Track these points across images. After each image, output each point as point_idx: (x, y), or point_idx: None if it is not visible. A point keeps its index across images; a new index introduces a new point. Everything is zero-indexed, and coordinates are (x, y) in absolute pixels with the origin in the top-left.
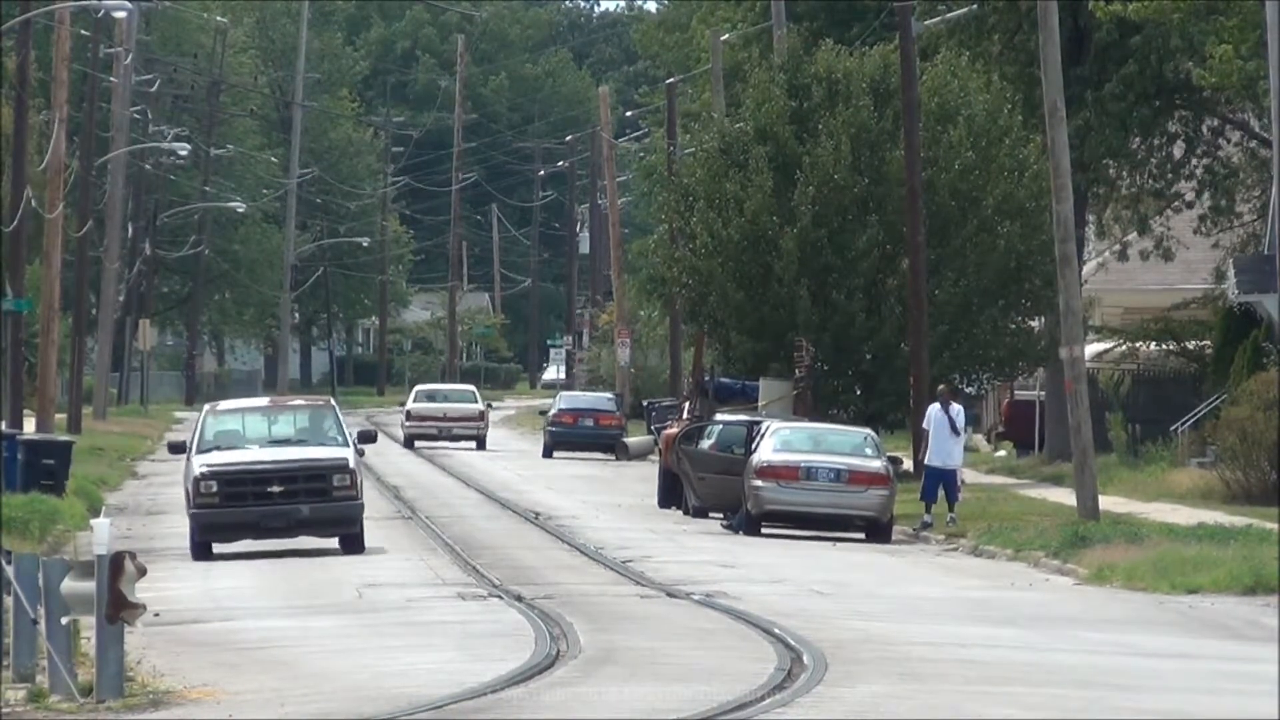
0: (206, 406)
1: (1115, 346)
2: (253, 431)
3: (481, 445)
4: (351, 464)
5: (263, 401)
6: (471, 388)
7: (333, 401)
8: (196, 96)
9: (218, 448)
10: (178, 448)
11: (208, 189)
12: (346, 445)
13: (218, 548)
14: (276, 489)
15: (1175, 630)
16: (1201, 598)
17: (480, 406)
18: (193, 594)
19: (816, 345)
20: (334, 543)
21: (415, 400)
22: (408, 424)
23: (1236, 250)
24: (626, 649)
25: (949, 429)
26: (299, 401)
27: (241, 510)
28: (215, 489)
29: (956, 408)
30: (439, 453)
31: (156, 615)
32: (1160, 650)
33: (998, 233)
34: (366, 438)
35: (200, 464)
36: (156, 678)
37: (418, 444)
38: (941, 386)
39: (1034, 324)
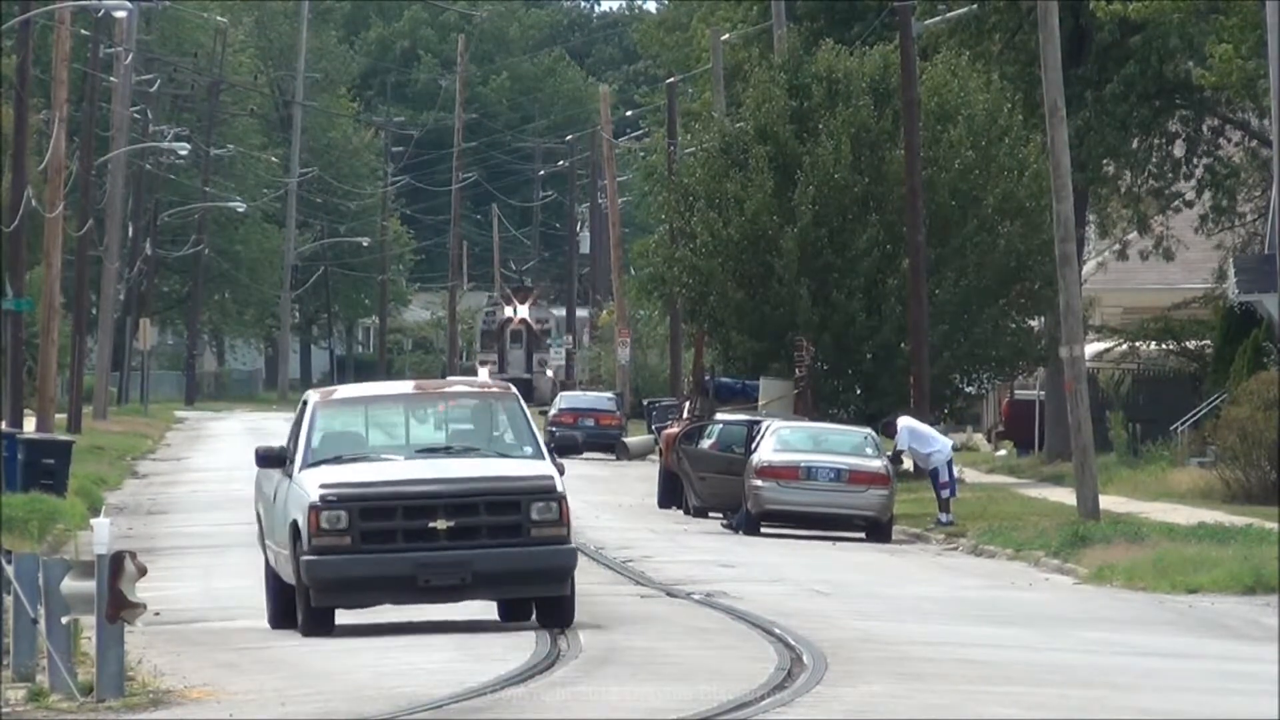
0: (312, 397)
1: (1115, 346)
2: (389, 434)
3: None
4: (558, 486)
5: (402, 387)
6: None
7: (513, 389)
8: (196, 96)
9: (338, 459)
10: (272, 458)
11: (208, 189)
12: (542, 456)
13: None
14: (442, 524)
15: (1175, 630)
16: (1201, 597)
17: None
18: (193, 594)
19: (816, 345)
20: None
21: None
22: None
23: (1237, 250)
24: (627, 649)
25: (923, 431)
26: (460, 388)
27: (390, 558)
28: (346, 523)
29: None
30: None
31: (157, 615)
32: (1160, 650)
33: (998, 232)
34: (567, 446)
35: (316, 484)
36: (157, 677)
37: None
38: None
39: (1034, 323)
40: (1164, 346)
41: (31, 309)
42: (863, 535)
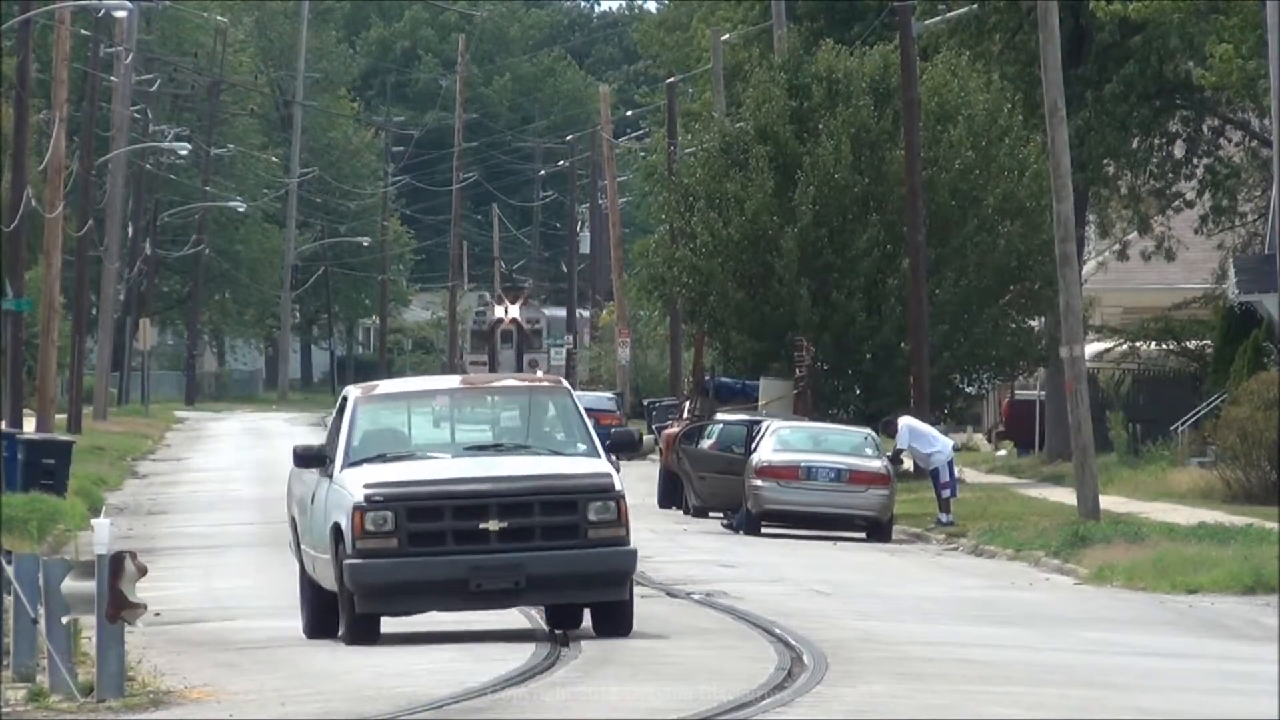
0: (352, 393)
1: (1115, 346)
2: (434, 431)
3: None
4: (617, 485)
5: (447, 381)
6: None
7: (564, 383)
8: (197, 96)
9: (381, 457)
10: (310, 457)
11: (208, 189)
12: (597, 454)
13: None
14: (494, 525)
15: (1175, 630)
16: (1201, 597)
17: None
18: (193, 594)
19: (816, 345)
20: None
21: None
22: None
23: (1238, 250)
24: (627, 649)
25: (924, 431)
26: (509, 382)
27: (439, 561)
28: (392, 525)
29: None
30: None
31: (157, 615)
32: (1160, 650)
33: (998, 232)
34: (624, 443)
35: (360, 484)
36: (157, 677)
37: None
38: (889, 418)
39: (1034, 323)
40: (1164, 346)
41: (31, 309)
42: (863, 535)
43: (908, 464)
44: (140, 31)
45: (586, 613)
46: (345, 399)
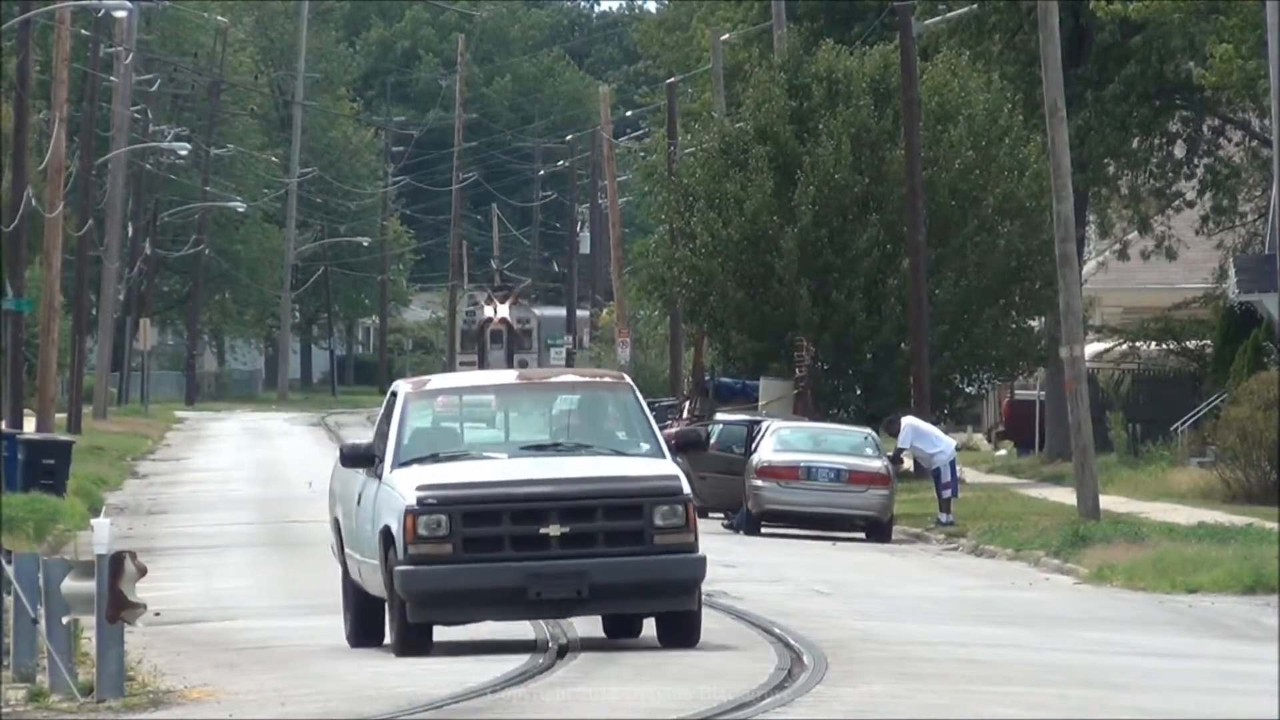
0: (402, 388)
1: (1115, 346)
2: (489, 429)
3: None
4: (684, 487)
5: (503, 376)
6: None
7: (627, 379)
8: (197, 96)
9: (434, 457)
10: (358, 456)
11: (208, 189)
12: (662, 454)
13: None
14: (555, 530)
15: (1175, 630)
16: (1201, 597)
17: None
18: (193, 594)
19: (817, 345)
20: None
21: None
22: None
23: (1238, 250)
24: (627, 649)
25: (927, 431)
26: (569, 378)
27: (496, 568)
28: (446, 529)
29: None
30: None
31: (157, 615)
32: (1160, 650)
33: (998, 232)
34: (691, 443)
35: (412, 485)
36: (157, 677)
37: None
38: (892, 417)
39: (1034, 323)
40: (1164, 346)
41: (31, 309)
42: (863, 535)
43: (908, 464)
44: (140, 31)
45: (647, 623)
46: (395, 394)
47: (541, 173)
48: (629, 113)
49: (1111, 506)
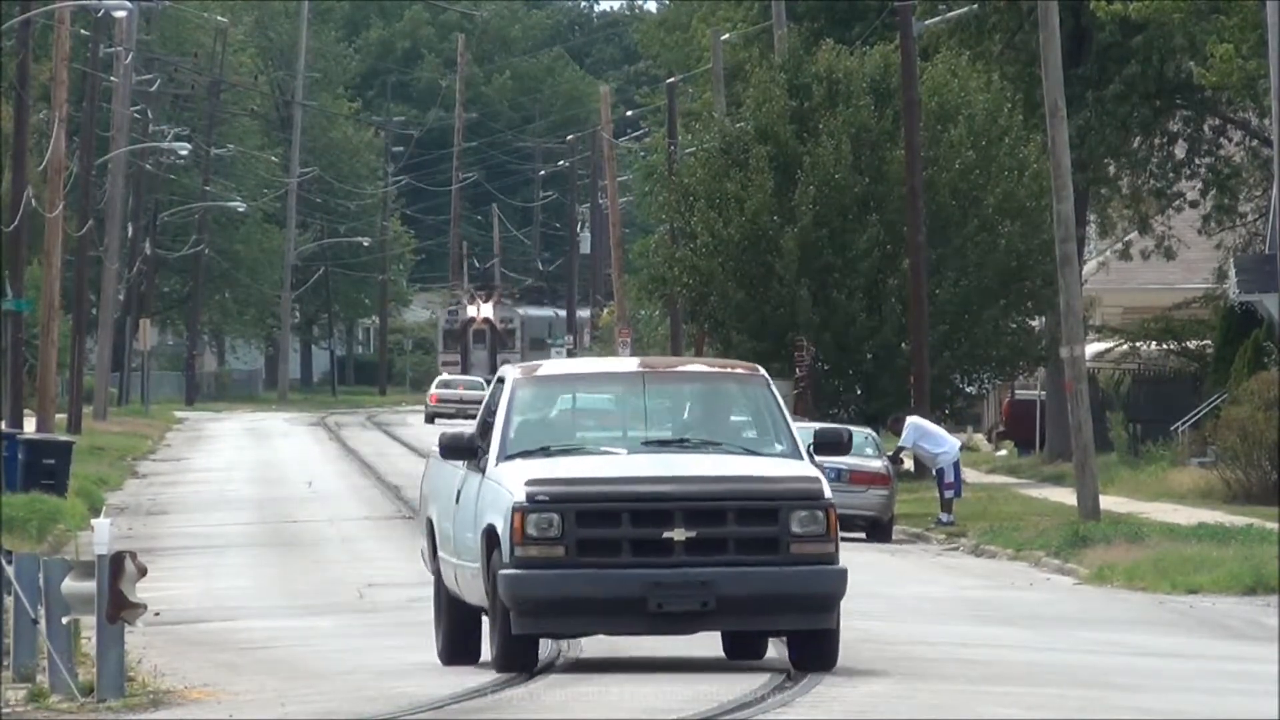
0: (511, 373)
1: (1116, 346)
2: (606, 421)
3: None
4: (826, 491)
5: (624, 364)
6: (479, 378)
7: (762, 371)
8: (197, 96)
9: (545, 450)
10: (460, 448)
11: (208, 188)
12: (799, 454)
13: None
14: (680, 535)
15: (1175, 630)
16: (1201, 598)
17: (485, 392)
18: (193, 594)
19: (817, 345)
20: (334, 535)
21: (437, 387)
22: (431, 405)
23: (1238, 250)
24: (627, 649)
25: (932, 430)
26: (697, 367)
27: (614, 575)
28: (559, 530)
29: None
30: None
31: (157, 615)
32: (1160, 650)
33: (998, 232)
34: (832, 442)
35: (521, 480)
36: (157, 677)
37: (438, 420)
38: (897, 415)
39: (1034, 323)
40: (1164, 346)
41: (31, 309)
42: (863, 535)
43: (908, 464)
44: (140, 31)
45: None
46: (502, 380)
47: (541, 173)
48: (629, 113)
49: (1112, 507)
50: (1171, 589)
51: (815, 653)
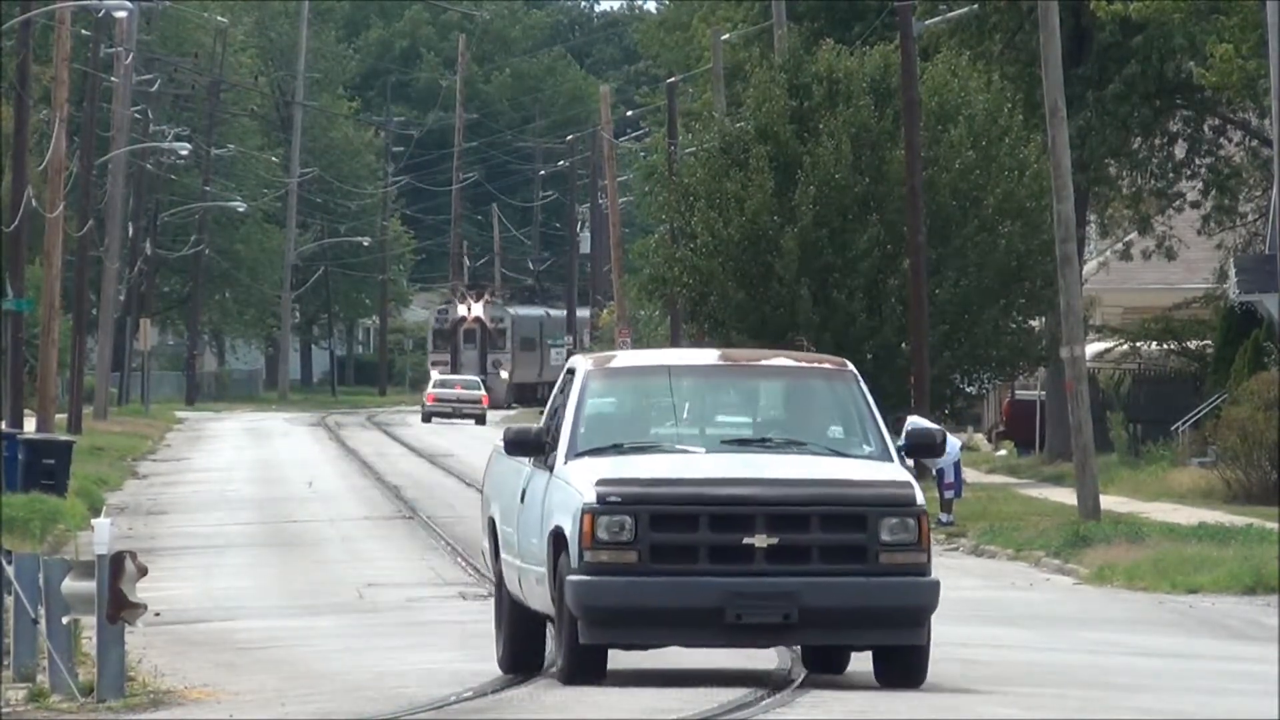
0: (582, 364)
1: (1116, 346)
2: (683, 417)
3: (481, 422)
4: (918, 497)
5: (703, 356)
6: (476, 378)
7: (850, 366)
8: (197, 96)
9: (617, 448)
10: (526, 443)
11: (208, 189)
12: (889, 456)
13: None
14: (762, 541)
15: (1175, 630)
16: (1202, 598)
17: (482, 392)
18: (193, 594)
19: (817, 345)
20: (334, 535)
21: (434, 387)
22: (428, 405)
23: (1238, 250)
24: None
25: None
26: (782, 361)
27: (690, 583)
28: (632, 533)
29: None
30: (440, 453)
31: (157, 615)
32: (1160, 650)
33: (998, 232)
34: (925, 444)
35: (591, 479)
36: (157, 677)
37: (434, 419)
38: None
39: (1034, 324)
40: (1165, 346)
41: (32, 309)
42: None
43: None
44: (140, 31)
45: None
46: (573, 372)
47: (542, 173)
48: (629, 113)
49: (1112, 507)
50: (1171, 589)
51: (903, 669)
